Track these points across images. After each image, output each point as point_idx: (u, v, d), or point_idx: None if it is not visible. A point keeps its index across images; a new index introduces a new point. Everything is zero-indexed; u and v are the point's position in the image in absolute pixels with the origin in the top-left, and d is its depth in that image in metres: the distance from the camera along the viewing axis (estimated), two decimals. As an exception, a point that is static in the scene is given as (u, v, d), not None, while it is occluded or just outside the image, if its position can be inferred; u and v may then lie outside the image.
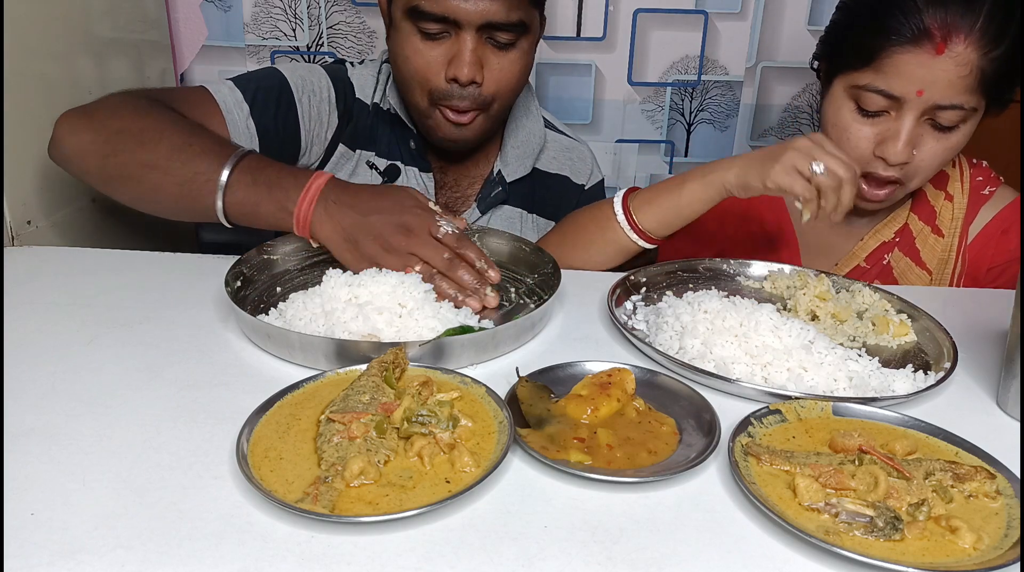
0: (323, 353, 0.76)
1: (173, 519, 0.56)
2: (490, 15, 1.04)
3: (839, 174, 0.93)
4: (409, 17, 1.06)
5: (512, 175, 1.26)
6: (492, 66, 1.09)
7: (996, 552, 0.55)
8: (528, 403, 0.70)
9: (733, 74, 1.76)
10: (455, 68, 1.06)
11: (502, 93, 1.12)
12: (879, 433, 0.69)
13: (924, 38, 0.97)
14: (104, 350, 0.79)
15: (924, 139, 1.03)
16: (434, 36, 1.06)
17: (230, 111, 1.07)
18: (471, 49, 1.06)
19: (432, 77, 1.08)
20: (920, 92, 0.99)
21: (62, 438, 0.65)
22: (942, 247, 1.16)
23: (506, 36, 1.07)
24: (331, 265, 0.91)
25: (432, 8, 1.03)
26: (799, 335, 0.81)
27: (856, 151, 1.05)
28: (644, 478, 0.62)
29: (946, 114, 1.00)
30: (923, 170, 1.06)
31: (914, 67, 0.98)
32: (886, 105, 1.02)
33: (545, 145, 1.30)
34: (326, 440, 0.62)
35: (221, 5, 1.68)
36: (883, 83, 1.00)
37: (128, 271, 0.99)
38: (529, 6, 1.09)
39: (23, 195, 1.06)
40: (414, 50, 1.08)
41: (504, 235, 1.06)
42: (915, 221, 1.17)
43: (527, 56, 1.13)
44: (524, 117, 1.27)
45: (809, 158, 0.94)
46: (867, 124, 1.05)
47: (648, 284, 1.00)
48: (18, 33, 1.09)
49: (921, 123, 1.02)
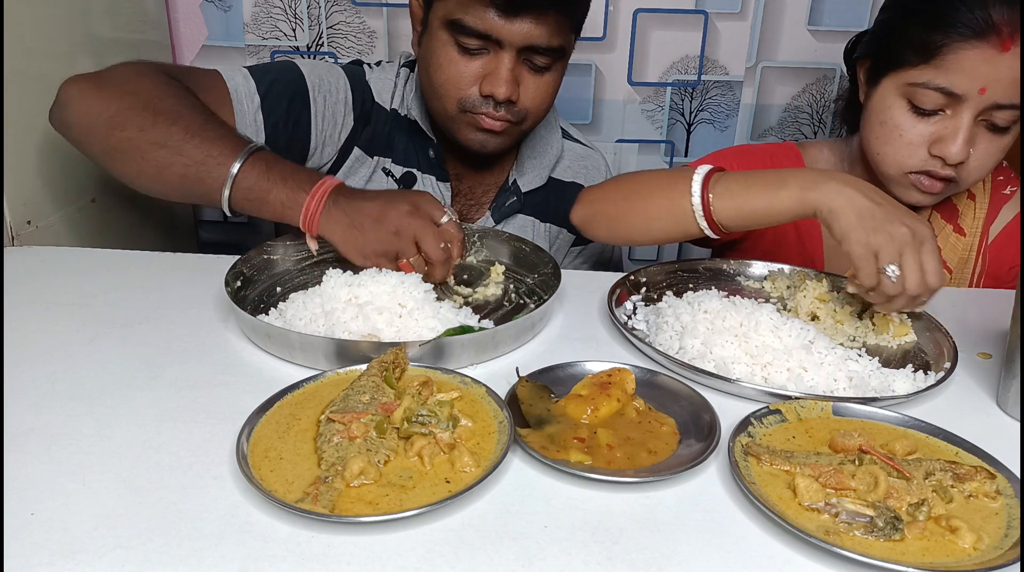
0: (323, 353, 0.76)
1: (173, 519, 0.56)
2: (533, 39, 1.03)
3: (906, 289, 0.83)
4: (448, 28, 1.04)
5: (528, 186, 1.25)
6: (528, 86, 1.08)
7: (996, 552, 0.55)
8: (528, 403, 0.70)
9: (733, 74, 1.76)
10: (492, 85, 1.05)
11: (534, 112, 1.12)
12: (879, 433, 0.69)
13: (991, 33, 0.93)
14: (104, 350, 0.79)
15: (979, 139, 1.00)
16: (472, 51, 1.05)
17: (240, 101, 1.06)
18: (509, 68, 1.04)
19: (465, 88, 1.07)
20: (983, 90, 0.95)
21: (62, 438, 0.65)
22: (963, 246, 1.15)
23: (544, 60, 1.06)
24: (331, 265, 0.91)
25: (475, 24, 1.02)
26: (799, 335, 0.81)
27: (909, 149, 1.02)
28: (644, 478, 0.62)
29: (1003, 114, 0.97)
30: (976, 170, 1.03)
31: (979, 63, 0.94)
32: (944, 103, 0.98)
33: (562, 155, 1.30)
34: (326, 440, 0.62)
35: (221, 5, 1.68)
36: (944, 80, 0.97)
37: (128, 271, 0.99)
38: (569, 31, 1.08)
39: (23, 195, 1.06)
40: (449, 60, 1.06)
41: (504, 235, 1.06)
42: (937, 219, 1.16)
43: (560, 77, 1.13)
44: (543, 128, 1.26)
45: (895, 255, 0.82)
46: (922, 123, 1.01)
47: (648, 284, 1.00)
48: (18, 33, 1.09)
49: (977, 123, 0.99)
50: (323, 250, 0.98)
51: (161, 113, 0.93)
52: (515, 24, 1.01)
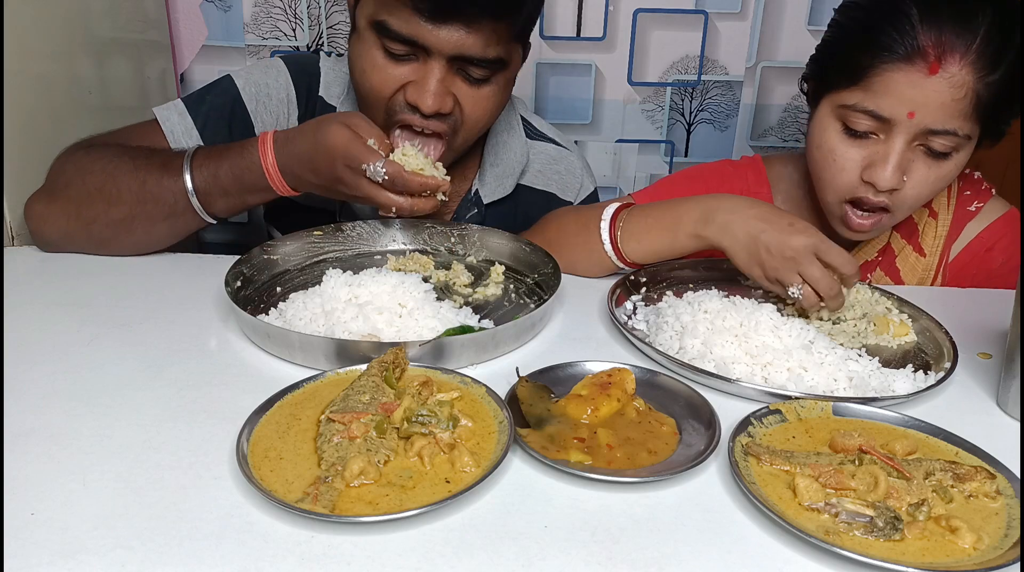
0: (323, 353, 0.76)
1: (173, 519, 0.56)
2: (464, 48, 0.94)
3: (813, 299, 0.87)
4: (374, 30, 0.96)
5: (490, 196, 1.17)
6: (462, 97, 0.99)
7: (996, 552, 0.55)
8: (528, 403, 0.70)
9: (733, 74, 1.76)
10: (418, 95, 0.96)
11: (469, 127, 1.03)
12: (879, 433, 0.69)
13: (917, 56, 0.91)
14: (104, 350, 0.79)
15: (915, 166, 0.97)
16: (399, 57, 0.97)
17: (178, 141, 1.05)
18: (439, 79, 0.96)
19: (389, 95, 0.99)
20: (912, 114, 0.93)
21: (62, 438, 0.65)
22: (923, 266, 1.12)
23: (480, 72, 0.98)
24: (331, 265, 0.91)
25: (400, 28, 0.93)
26: (799, 335, 0.81)
27: (843, 174, 1.00)
28: (644, 478, 0.62)
29: (938, 140, 0.94)
30: (912, 199, 0.99)
31: (905, 87, 0.92)
32: (875, 127, 0.96)
33: (529, 159, 1.21)
34: (326, 440, 0.62)
35: (221, 5, 1.68)
36: (872, 103, 0.95)
37: (128, 271, 0.99)
38: (510, 41, 0.98)
39: (23, 195, 1.06)
40: (373, 65, 0.98)
41: (504, 235, 1.06)
42: (897, 239, 1.13)
43: (503, 91, 1.04)
44: (505, 133, 1.18)
45: (793, 274, 0.86)
46: (855, 146, 0.99)
47: (648, 284, 1.00)
48: (18, 33, 1.09)
49: (912, 148, 0.96)
50: (323, 249, 0.98)
51: (105, 189, 0.97)
52: (443, 31, 0.93)
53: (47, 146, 1.12)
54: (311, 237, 1.03)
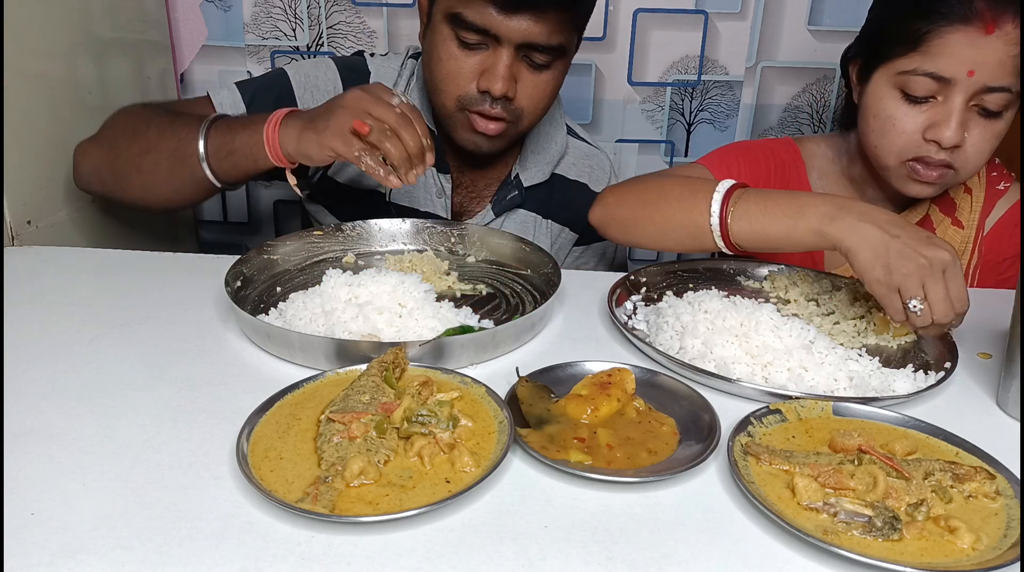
0: (323, 353, 0.76)
1: (173, 519, 0.56)
2: (531, 36, 1.04)
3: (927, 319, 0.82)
4: (449, 22, 1.06)
5: (530, 180, 1.25)
6: (525, 83, 1.09)
7: (995, 552, 0.55)
8: (528, 403, 0.70)
9: (733, 74, 1.76)
10: (488, 80, 1.06)
11: (532, 110, 1.12)
12: (879, 433, 0.69)
13: (974, 17, 0.96)
14: (104, 350, 0.80)
15: (972, 124, 1.01)
16: (471, 46, 1.06)
17: (225, 112, 1.08)
18: (507, 64, 1.05)
19: (464, 84, 1.08)
20: (971, 72, 0.97)
21: (62, 438, 0.65)
22: (961, 238, 1.17)
23: (543, 58, 1.07)
24: (331, 265, 0.91)
25: (474, 19, 1.03)
26: (799, 335, 0.81)
27: (904, 137, 1.03)
28: (644, 478, 0.62)
29: (993, 97, 0.99)
30: (973, 157, 1.03)
31: (964, 47, 0.97)
32: (934, 89, 1.00)
33: (566, 152, 1.30)
34: (326, 440, 0.62)
35: (221, 5, 1.68)
36: (932, 65, 0.99)
37: (128, 271, 0.99)
38: (570, 30, 1.08)
39: (23, 195, 1.06)
40: (448, 55, 1.07)
41: (505, 235, 1.06)
42: (936, 213, 1.18)
43: (561, 77, 1.13)
44: (547, 123, 1.26)
45: (918, 286, 0.81)
46: (915, 110, 1.02)
47: (648, 284, 1.00)
48: (18, 33, 1.09)
49: (969, 108, 1.00)
50: (323, 249, 0.98)
51: (138, 128, 1.05)
52: (514, 20, 1.02)
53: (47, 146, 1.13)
54: (311, 237, 1.03)
